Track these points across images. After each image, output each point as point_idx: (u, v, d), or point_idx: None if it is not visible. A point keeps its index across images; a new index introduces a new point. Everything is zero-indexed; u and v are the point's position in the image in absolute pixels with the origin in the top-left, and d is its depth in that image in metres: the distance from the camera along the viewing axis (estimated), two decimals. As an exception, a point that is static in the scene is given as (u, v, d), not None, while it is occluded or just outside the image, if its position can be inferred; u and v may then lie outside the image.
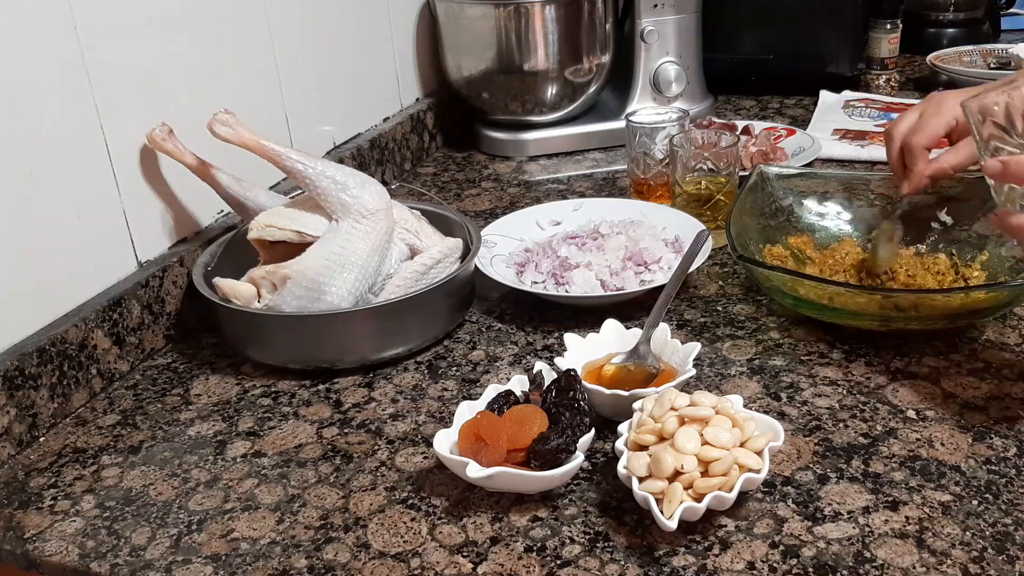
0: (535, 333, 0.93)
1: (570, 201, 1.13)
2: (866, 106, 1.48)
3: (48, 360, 0.82)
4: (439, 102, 1.48)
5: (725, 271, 1.03)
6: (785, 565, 0.62)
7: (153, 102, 0.95)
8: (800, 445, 0.74)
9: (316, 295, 0.86)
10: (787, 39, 1.56)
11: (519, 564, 0.64)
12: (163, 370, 0.92)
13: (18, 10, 0.80)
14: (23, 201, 0.82)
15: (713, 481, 0.63)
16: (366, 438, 0.79)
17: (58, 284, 0.86)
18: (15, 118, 0.81)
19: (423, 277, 0.92)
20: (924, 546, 0.63)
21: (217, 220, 1.05)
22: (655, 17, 1.39)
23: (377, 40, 1.35)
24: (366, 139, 1.30)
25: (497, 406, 0.73)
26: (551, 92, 1.40)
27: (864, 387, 0.81)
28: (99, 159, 0.90)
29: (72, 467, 0.78)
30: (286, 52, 1.14)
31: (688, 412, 0.66)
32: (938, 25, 1.81)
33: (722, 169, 1.06)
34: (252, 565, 0.66)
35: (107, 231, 0.91)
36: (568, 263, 0.98)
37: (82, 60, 0.86)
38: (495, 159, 1.43)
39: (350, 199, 0.89)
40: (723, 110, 1.55)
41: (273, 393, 0.87)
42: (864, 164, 1.29)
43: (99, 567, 0.67)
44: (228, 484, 0.75)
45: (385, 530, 0.68)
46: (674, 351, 0.80)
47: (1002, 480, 0.68)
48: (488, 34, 1.36)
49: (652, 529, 0.65)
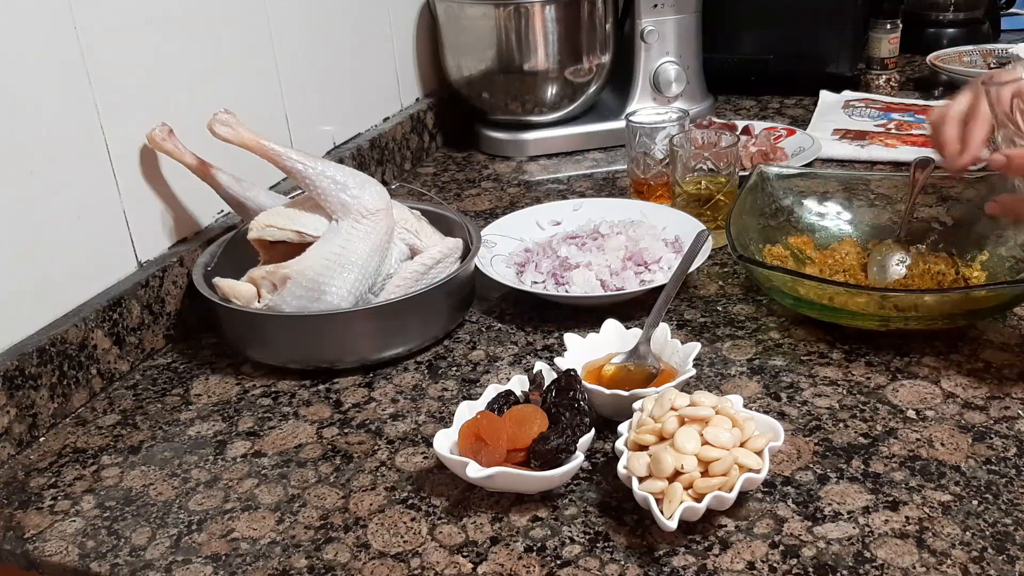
0: (535, 333, 0.93)
1: (570, 201, 1.13)
2: (866, 106, 1.48)
3: (48, 360, 0.82)
4: (439, 102, 1.48)
5: (725, 271, 1.03)
6: (785, 565, 0.62)
7: (153, 102, 0.95)
8: (800, 445, 0.74)
9: (316, 295, 0.86)
10: (787, 39, 1.56)
11: (519, 564, 0.64)
12: (163, 370, 0.92)
13: (18, 10, 0.80)
14: (23, 201, 0.82)
15: (713, 481, 0.63)
16: (366, 438, 0.79)
17: (58, 284, 0.86)
18: (15, 118, 0.81)
19: (423, 277, 0.92)
20: (924, 546, 0.63)
21: (217, 220, 1.05)
22: (655, 17, 1.39)
23: (377, 40, 1.35)
24: (366, 139, 1.30)
25: (497, 406, 0.73)
26: (551, 92, 1.40)
27: (864, 387, 0.81)
28: (99, 159, 0.90)
29: (72, 467, 0.78)
30: (286, 52, 1.14)
31: (688, 412, 0.66)
32: (938, 25, 1.81)
33: (722, 169, 1.05)
34: (252, 565, 0.66)
35: (107, 231, 0.91)
36: (568, 263, 0.98)
37: (82, 60, 0.86)
38: (495, 159, 1.43)
39: (350, 199, 0.89)
40: (723, 110, 1.55)
41: (273, 393, 0.87)
42: (864, 164, 1.29)
43: (99, 567, 0.67)
44: (228, 484, 0.75)
45: (385, 530, 0.68)
46: (674, 351, 0.80)
47: (1002, 480, 0.68)
48: (488, 34, 1.36)
49: (652, 529, 0.65)
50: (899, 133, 1.36)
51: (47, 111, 0.84)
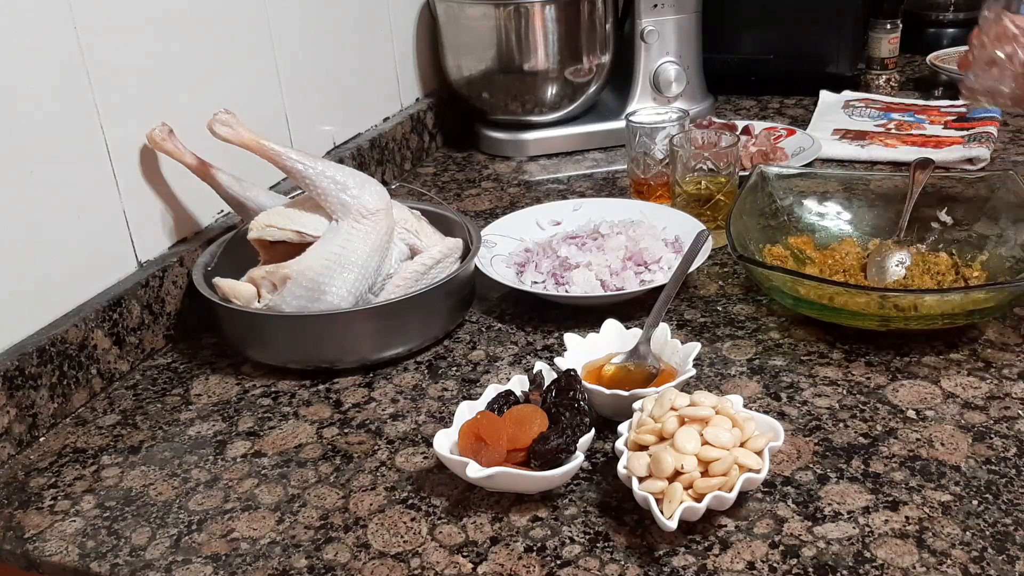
0: (535, 333, 0.93)
1: (570, 201, 1.13)
2: (866, 106, 1.48)
3: (48, 360, 0.82)
4: (439, 102, 1.48)
5: (725, 271, 1.03)
6: (785, 565, 0.62)
7: (153, 102, 0.95)
8: (800, 445, 0.74)
9: (316, 295, 0.86)
10: (787, 39, 1.56)
11: (519, 564, 0.64)
12: (163, 370, 0.92)
13: (18, 10, 0.80)
14: (23, 201, 0.82)
15: (713, 481, 0.63)
16: (366, 438, 0.79)
17: (58, 284, 0.86)
18: (15, 118, 0.81)
19: (423, 277, 0.92)
20: (924, 546, 0.63)
21: (217, 220, 1.04)
22: (655, 17, 1.39)
23: (377, 40, 1.35)
24: (366, 139, 1.30)
25: (497, 406, 0.73)
26: (551, 92, 1.40)
27: (864, 387, 0.81)
28: (99, 159, 0.90)
29: (72, 467, 0.78)
30: (286, 52, 1.14)
31: (688, 412, 0.66)
32: (938, 25, 1.81)
33: (722, 169, 1.05)
34: (252, 565, 0.66)
35: (107, 231, 0.91)
36: (568, 263, 0.97)
37: (82, 60, 0.86)
38: (495, 159, 1.43)
39: (350, 199, 0.89)
40: (723, 110, 1.55)
41: (273, 393, 0.87)
42: (864, 164, 1.29)
43: (99, 567, 0.67)
44: (228, 484, 0.75)
45: (385, 530, 0.68)
46: (674, 351, 0.80)
47: (1002, 480, 0.68)
48: (488, 34, 1.36)
49: (652, 529, 0.65)
50: (899, 133, 1.36)
51: (47, 111, 0.84)
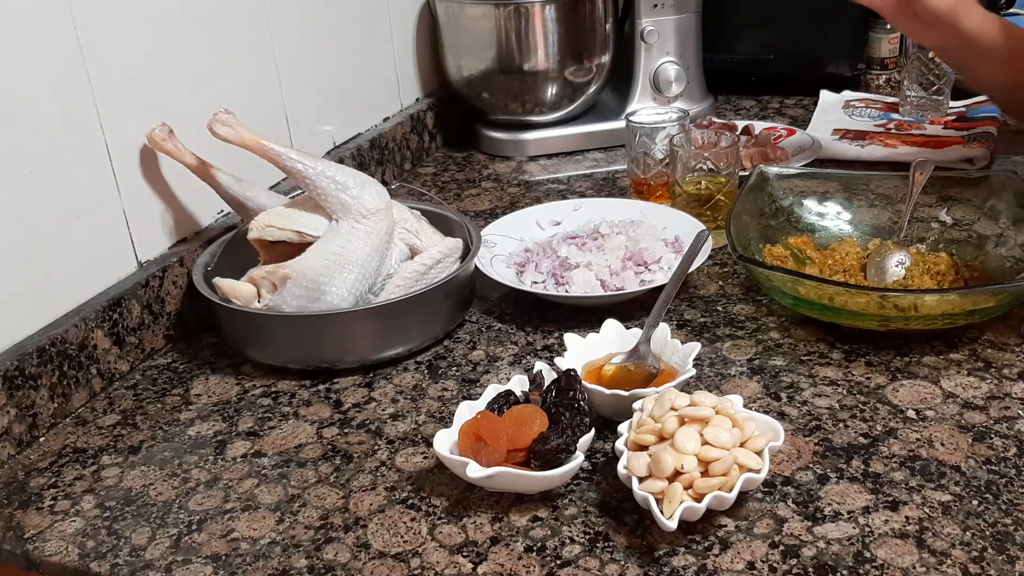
0: (535, 333, 0.93)
1: (570, 201, 1.13)
2: (866, 106, 1.48)
3: (48, 360, 0.82)
4: (439, 102, 1.48)
5: (725, 271, 1.03)
6: (785, 565, 0.62)
7: (153, 102, 0.95)
8: (800, 445, 0.74)
9: (316, 295, 0.86)
10: (787, 39, 1.55)
11: (519, 564, 0.64)
12: (163, 370, 0.92)
13: (18, 10, 0.80)
14: (23, 201, 0.82)
15: (713, 481, 0.63)
16: (366, 438, 0.79)
17: (58, 284, 0.86)
18: (15, 118, 0.81)
19: (423, 277, 0.92)
20: (924, 546, 0.63)
21: (217, 220, 1.04)
22: (655, 17, 1.39)
23: (377, 40, 1.35)
24: (366, 139, 1.30)
25: (497, 406, 0.73)
26: (551, 92, 1.40)
27: (864, 387, 0.81)
28: (99, 159, 0.90)
29: (72, 467, 0.78)
30: (286, 52, 1.14)
31: (688, 412, 0.66)
32: (938, 25, 1.80)
33: (722, 169, 1.05)
34: (252, 565, 0.66)
35: (107, 231, 0.91)
36: (568, 263, 0.97)
37: (82, 60, 0.86)
38: (495, 159, 1.43)
39: (350, 199, 0.89)
40: (723, 110, 1.55)
41: (273, 393, 0.87)
42: (864, 164, 1.29)
43: (99, 567, 0.67)
44: (228, 484, 0.75)
45: (385, 530, 0.68)
46: (674, 351, 0.80)
47: (1002, 480, 0.68)
48: (488, 34, 1.36)
49: (652, 529, 0.65)
50: (899, 133, 1.36)
51: (47, 111, 0.84)
